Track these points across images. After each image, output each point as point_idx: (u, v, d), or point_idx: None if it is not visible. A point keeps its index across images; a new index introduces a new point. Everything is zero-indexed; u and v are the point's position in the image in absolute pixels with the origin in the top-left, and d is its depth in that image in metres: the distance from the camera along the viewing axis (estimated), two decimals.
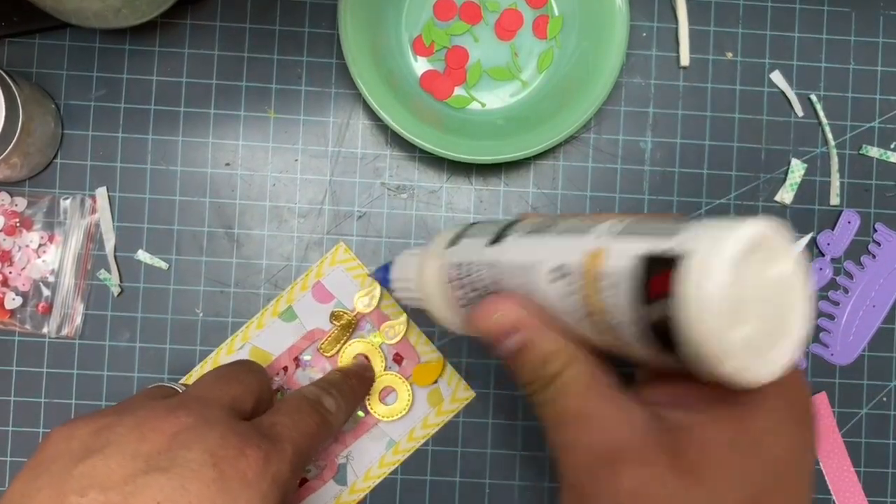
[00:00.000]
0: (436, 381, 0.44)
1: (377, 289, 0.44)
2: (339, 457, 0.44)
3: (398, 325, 0.44)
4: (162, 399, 0.32)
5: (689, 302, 0.21)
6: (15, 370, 0.44)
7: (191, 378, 0.44)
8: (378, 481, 0.44)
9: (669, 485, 0.23)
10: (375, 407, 0.44)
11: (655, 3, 0.46)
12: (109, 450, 0.28)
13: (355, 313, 0.44)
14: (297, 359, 0.44)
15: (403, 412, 0.44)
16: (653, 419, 0.25)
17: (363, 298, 0.44)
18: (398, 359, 0.44)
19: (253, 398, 0.34)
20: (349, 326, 0.44)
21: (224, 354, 0.44)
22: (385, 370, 0.44)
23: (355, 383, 0.40)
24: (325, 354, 0.44)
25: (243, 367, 0.37)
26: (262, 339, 0.44)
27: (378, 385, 0.44)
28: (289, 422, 0.33)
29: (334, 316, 0.44)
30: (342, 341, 0.44)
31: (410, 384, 0.44)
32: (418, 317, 0.45)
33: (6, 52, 0.44)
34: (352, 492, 0.44)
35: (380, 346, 0.44)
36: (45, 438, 0.30)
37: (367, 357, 0.44)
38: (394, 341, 0.44)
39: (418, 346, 0.44)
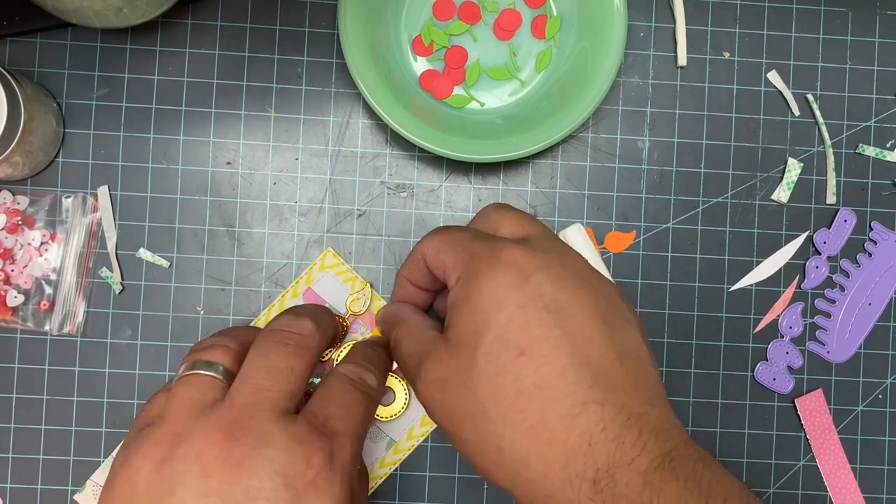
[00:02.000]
0: None
1: (368, 291, 0.44)
2: None
3: (364, 298, 0.44)
4: (211, 411, 0.30)
5: None
6: (17, 367, 0.44)
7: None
8: (380, 482, 0.44)
9: (444, 360, 0.32)
10: None
11: (653, 3, 0.47)
12: (180, 493, 0.28)
13: (347, 316, 0.44)
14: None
15: (401, 411, 0.44)
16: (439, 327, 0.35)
17: (354, 302, 0.44)
18: None
19: (305, 379, 0.33)
20: (342, 330, 0.44)
21: None
22: None
23: (384, 354, 0.39)
24: (321, 359, 0.44)
25: (291, 345, 0.33)
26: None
27: None
28: (342, 412, 0.32)
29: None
30: (336, 345, 0.44)
31: (407, 383, 0.44)
32: None
33: (8, 52, 0.44)
34: None
35: None
36: (107, 485, 0.30)
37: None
38: (361, 313, 0.44)
39: None
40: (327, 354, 0.44)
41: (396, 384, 0.44)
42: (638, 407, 0.29)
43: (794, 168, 0.46)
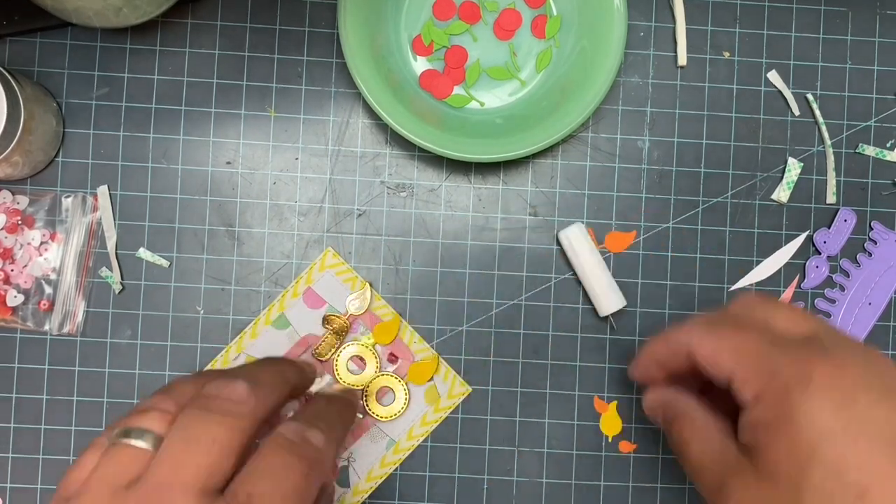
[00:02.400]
0: (431, 379, 0.45)
1: (368, 291, 0.44)
2: (341, 459, 0.44)
3: (362, 298, 0.44)
4: (126, 492, 0.27)
5: None
6: (17, 367, 0.44)
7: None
8: (380, 481, 0.44)
9: (754, 489, 0.29)
10: (373, 408, 0.44)
11: (653, 2, 0.47)
12: None
13: (347, 316, 0.44)
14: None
15: (401, 411, 0.44)
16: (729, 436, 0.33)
17: (354, 301, 0.44)
18: (392, 359, 0.45)
19: (237, 449, 0.29)
20: (342, 330, 0.44)
21: (220, 365, 0.44)
22: (380, 371, 0.44)
23: (341, 408, 0.36)
24: (321, 359, 0.44)
25: (217, 414, 0.29)
26: (256, 348, 0.44)
27: (374, 386, 0.44)
28: (269, 488, 0.28)
29: (326, 320, 0.44)
30: (336, 345, 0.44)
31: (406, 383, 0.44)
32: (412, 315, 0.45)
33: (8, 51, 0.44)
34: (355, 493, 0.44)
35: (374, 347, 0.44)
36: None
37: (361, 361, 0.44)
38: (360, 312, 0.44)
39: (412, 346, 0.45)
40: (328, 354, 0.44)
41: (396, 384, 0.44)
42: None
43: (794, 168, 0.46)
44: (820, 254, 0.47)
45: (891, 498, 0.26)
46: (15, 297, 0.44)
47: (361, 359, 0.44)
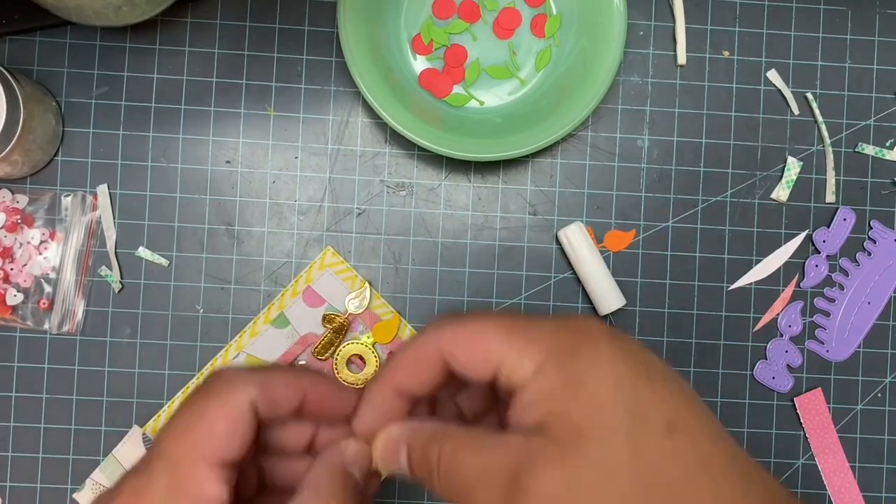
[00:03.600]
0: None
1: (367, 290, 0.44)
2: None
3: (361, 297, 0.44)
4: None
5: None
6: (16, 366, 0.44)
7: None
8: (379, 481, 0.44)
9: (561, 463, 0.25)
10: None
11: (653, 1, 0.47)
12: None
13: (347, 315, 0.44)
14: (292, 365, 0.44)
15: None
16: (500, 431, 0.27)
17: (354, 300, 0.44)
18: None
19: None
20: (342, 329, 0.44)
21: (220, 364, 0.44)
22: (379, 370, 0.44)
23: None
24: (319, 358, 0.44)
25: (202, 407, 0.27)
26: (256, 347, 0.44)
27: None
28: None
29: (326, 319, 0.44)
30: (335, 344, 0.44)
31: None
32: (411, 314, 0.45)
33: (7, 50, 0.44)
34: None
35: (373, 346, 0.44)
36: None
37: (362, 357, 0.44)
38: (360, 312, 0.44)
39: None
40: (327, 353, 0.44)
41: None
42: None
43: (793, 167, 0.46)
44: (819, 253, 0.47)
45: (693, 427, 0.25)
46: (14, 295, 0.43)
47: (361, 358, 0.44)
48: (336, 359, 0.44)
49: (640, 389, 0.25)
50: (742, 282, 0.46)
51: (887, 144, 0.47)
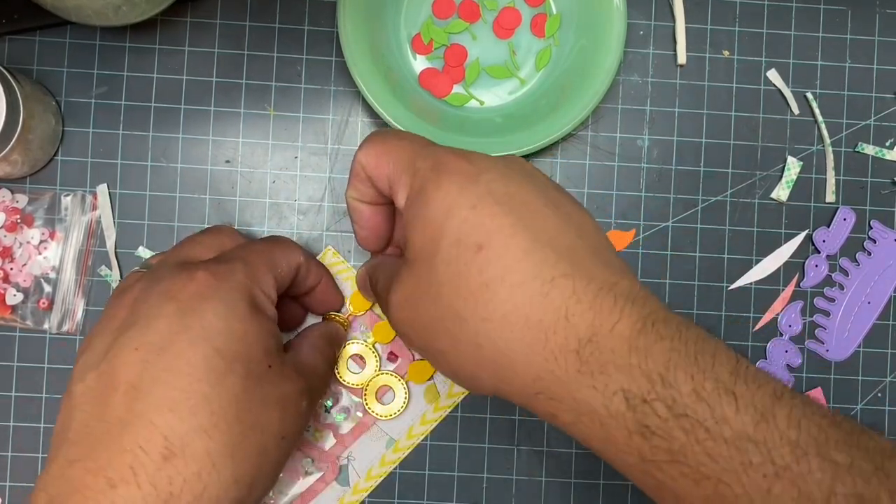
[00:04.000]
0: (431, 378, 0.45)
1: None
2: (341, 458, 0.44)
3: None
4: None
5: None
6: (16, 366, 0.44)
7: None
8: (380, 480, 0.44)
9: (405, 279, 0.32)
10: (373, 407, 0.44)
11: (653, 1, 0.47)
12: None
13: (348, 315, 0.44)
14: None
15: (401, 410, 0.44)
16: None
17: (355, 300, 0.44)
18: (393, 357, 0.45)
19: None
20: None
21: None
22: (380, 370, 0.44)
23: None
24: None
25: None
26: None
27: (374, 385, 0.44)
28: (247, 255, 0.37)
29: (326, 319, 0.44)
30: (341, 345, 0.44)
31: (406, 382, 0.44)
32: None
33: (7, 50, 0.44)
34: (354, 492, 0.44)
35: (373, 346, 0.44)
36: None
37: (362, 357, 0.44)
38: (360, 312, 0.44)
39: None
40: None
41: (396, 383, 0.44)
42: (609, 277, 0.29)
43: (793, 166, 0.46)
44: (819, 252, 0.47)
45: (501, 244, 0.29)
46: (14, 295, 0.43)
47: (361, 357, 0.44)
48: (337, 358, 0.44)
49: (464, 218, 0.30)
50: (742, 282, 0.46)
51: (887, 144, 0.47)
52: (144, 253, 0.44)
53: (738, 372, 0.28)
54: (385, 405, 0.44)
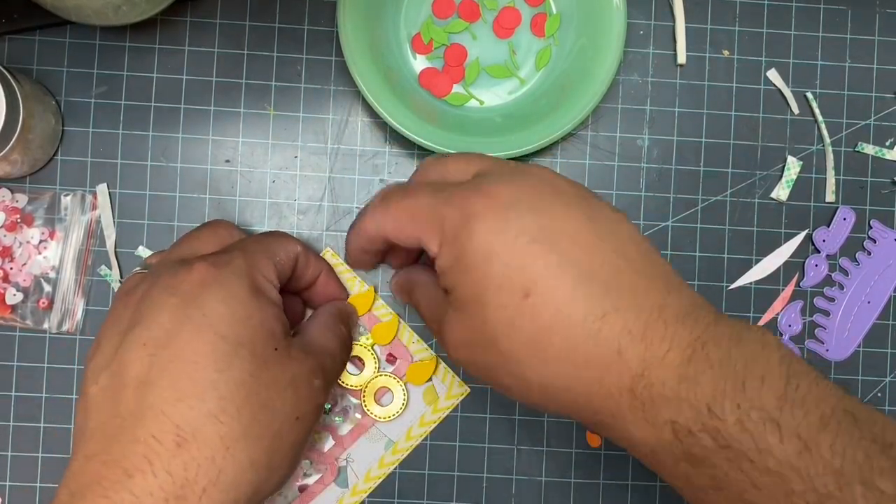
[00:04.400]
0: (430, 380, 0.44)
1: (370, 292, 0.44)
2: (339, 460, 0.44)
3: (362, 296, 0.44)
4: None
5: None
6: (16, 365, 0.44)
7: None
8: (379, 482, 0.44)
9: (457, 325, 0.34)
10: (372, 408, 0.44)
11: (653, 1, 0.47)
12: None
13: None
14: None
15: (400, 412, 0.44)
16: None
17: (353, 302, 0.44)
18: (391, 359, 0.45)
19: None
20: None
21: None
22: (378, 371, 0.44)
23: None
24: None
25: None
26: None
27: (373, 386, 0.44)
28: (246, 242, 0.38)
29: None
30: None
31: (405, 384, 0.44)
32: (410, 316, 0.45)
33: (7, 49, 0.44)
34: (353, 493, 0.44)
35: (372, 347, 0.44)
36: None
37: (360, 359, 0.44)
38: (359, 313, 0.44)
39: (410, 346, 0.45)
40: None
41: (395, 384, 0.44)
42: (657, 299, 0.30)
43: (793, 166, 0.46)
44: (819, 252, 0.47)
45: (548, 287, 0.30)
46: (14, 295, 0.43)
47: (360, 359, 0.44)
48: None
49: (505, 263, 0.31)
50: (742, 281, 0.46)
51: (887, 144, 0.47)
52: (144, 252, 0.44)
53: (787, 396, 0.28)
54: (384, 407, 0.44)
